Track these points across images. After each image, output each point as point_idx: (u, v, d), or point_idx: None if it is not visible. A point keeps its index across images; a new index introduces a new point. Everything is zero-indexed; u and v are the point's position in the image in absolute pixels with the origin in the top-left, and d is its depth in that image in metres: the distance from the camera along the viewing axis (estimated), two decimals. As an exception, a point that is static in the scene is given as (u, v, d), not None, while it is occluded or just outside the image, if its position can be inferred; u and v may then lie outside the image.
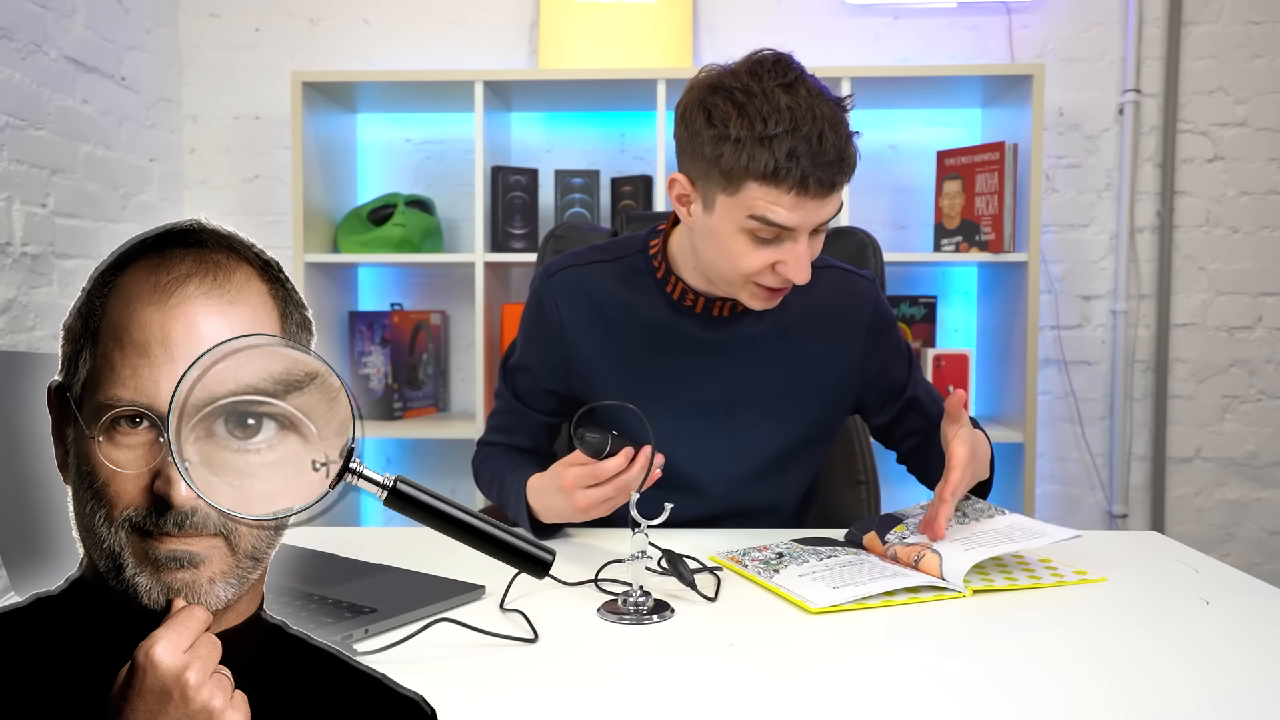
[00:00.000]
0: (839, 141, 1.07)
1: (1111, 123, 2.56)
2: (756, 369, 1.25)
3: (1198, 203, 2.55)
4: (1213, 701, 0.72)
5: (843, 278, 1.30)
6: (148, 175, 2.49)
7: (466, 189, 2.61)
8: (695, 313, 1.23)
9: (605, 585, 1.00)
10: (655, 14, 2.51)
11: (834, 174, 1.07)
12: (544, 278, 1.28)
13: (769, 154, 1.04)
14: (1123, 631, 0.87)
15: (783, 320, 1.24)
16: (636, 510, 0.95)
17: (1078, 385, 2.60)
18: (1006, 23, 2.55)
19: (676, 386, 1.24)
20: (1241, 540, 2.61)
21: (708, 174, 1.10)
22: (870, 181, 2.59)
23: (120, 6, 2.36)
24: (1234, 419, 2.59)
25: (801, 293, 1.21)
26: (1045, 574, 1.03)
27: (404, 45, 2.62)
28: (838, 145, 1.07)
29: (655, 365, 1.24)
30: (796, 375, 1.25)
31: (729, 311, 1.23)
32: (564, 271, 1.27)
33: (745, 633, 0.87)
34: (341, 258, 2.38)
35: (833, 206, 1.10)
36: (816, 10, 2.58)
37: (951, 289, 2.63)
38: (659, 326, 1.24)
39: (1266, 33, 2.52)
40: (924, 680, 0.76)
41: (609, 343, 1.25)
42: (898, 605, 0.93)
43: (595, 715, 0.70)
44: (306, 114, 2.31)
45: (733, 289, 1.16)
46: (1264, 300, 2.56)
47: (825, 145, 1.06)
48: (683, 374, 1.24)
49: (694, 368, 1.24)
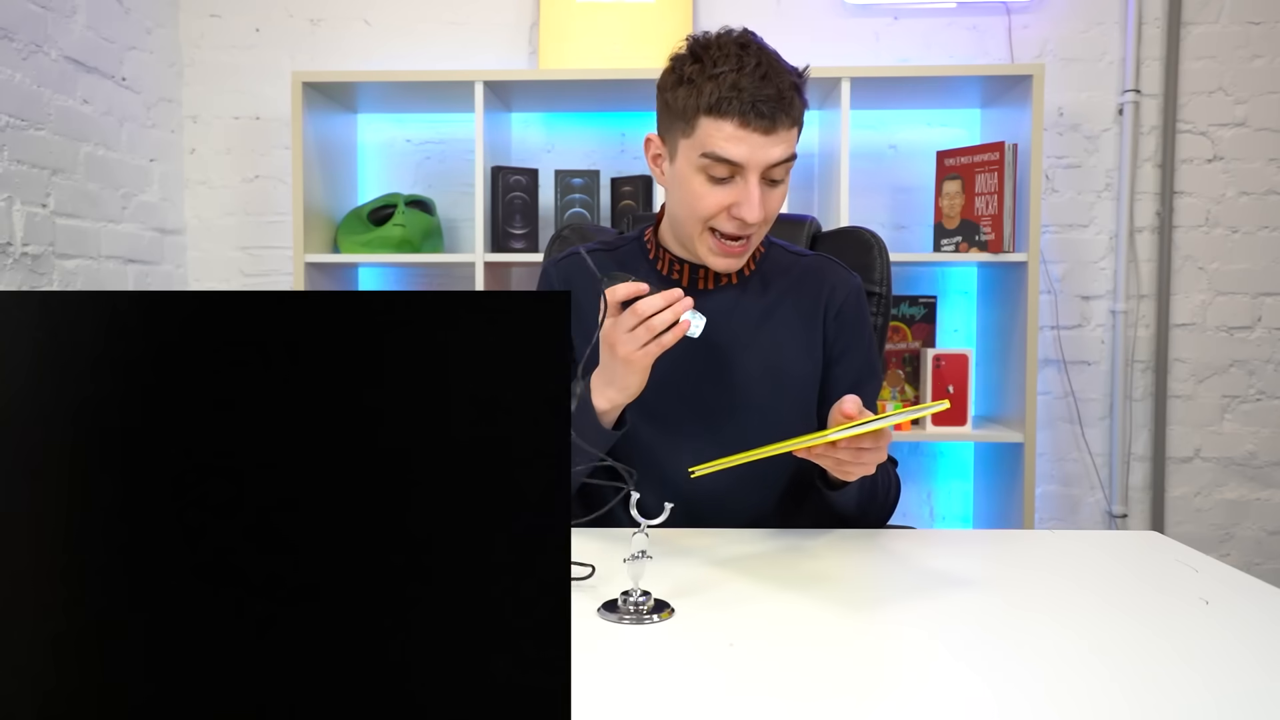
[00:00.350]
0: (781, 84, 1.14)
1: (1111, 123, 2.56)
2: (737, 348, 1.28)
3: (1197, 203, 2.56)
4: (1213, 701, 0.72)
5: (823, 263, 1.34)
6: (148, 175, 2.49)
7: (466, 189, 2.62)
8: (682, 285, 1.29)
9: (601, 586, 1.00)
10: (655, 14, 2.51)
11: (774, 109, 1.13)
12: (552, 263, 1.37)
13: (715, 86, 1.13)
14: (1122, 631, 0.87)
15: (765, 298, 1.29)
16: (636, 510, 0.96)
17: (1077, 385, 2.60)
18: (1006, 23, 2.55)
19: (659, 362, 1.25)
20: (1241, 540, 2.61)
21: (672, 124, 1.19)
22: (870, 181, 2.59)
23: (120, 7, 2.36)
24: (1233, 419, 2.59)
25: (783, 273, 1.29)
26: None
27: (404, 45, 2.62)
28: (780, 86, 1.14)
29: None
30: (773, 353, 1.28)
31: (713, 283, 1.29)
32: (569, 258, 1.36)
33: (745, 633, 0.87)
34: (342, 258, 2.38)
35: (780, 148, 1.15)
36: (816, 10, 2.58)
37: (951, 289, 2.63)
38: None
39: (1266, 33, 2.53)
40: (925, 679, 0.76)
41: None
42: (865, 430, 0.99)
43: (595, 715, 0.70)
44: (306, 114, 2.31)
45: (695, 244, 1.22)
46: (1264, 300, 2.56)
47: (768, 82, 1.13)
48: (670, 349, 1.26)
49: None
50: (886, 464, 1.29)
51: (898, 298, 2.48)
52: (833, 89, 2.33)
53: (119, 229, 2.36)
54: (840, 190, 2.25)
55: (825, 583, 1.02)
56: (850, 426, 0.99)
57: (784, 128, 1.15)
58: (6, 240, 1.96)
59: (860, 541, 1.20)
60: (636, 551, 0.93)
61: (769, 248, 1.35)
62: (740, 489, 1.29)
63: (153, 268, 2.51)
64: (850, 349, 1.32)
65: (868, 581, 1.03)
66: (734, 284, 1.30)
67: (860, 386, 1.32)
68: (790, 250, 1.36)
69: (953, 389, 2.35)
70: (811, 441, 1.01)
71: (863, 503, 1.24)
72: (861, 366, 1.33)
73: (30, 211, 2.03)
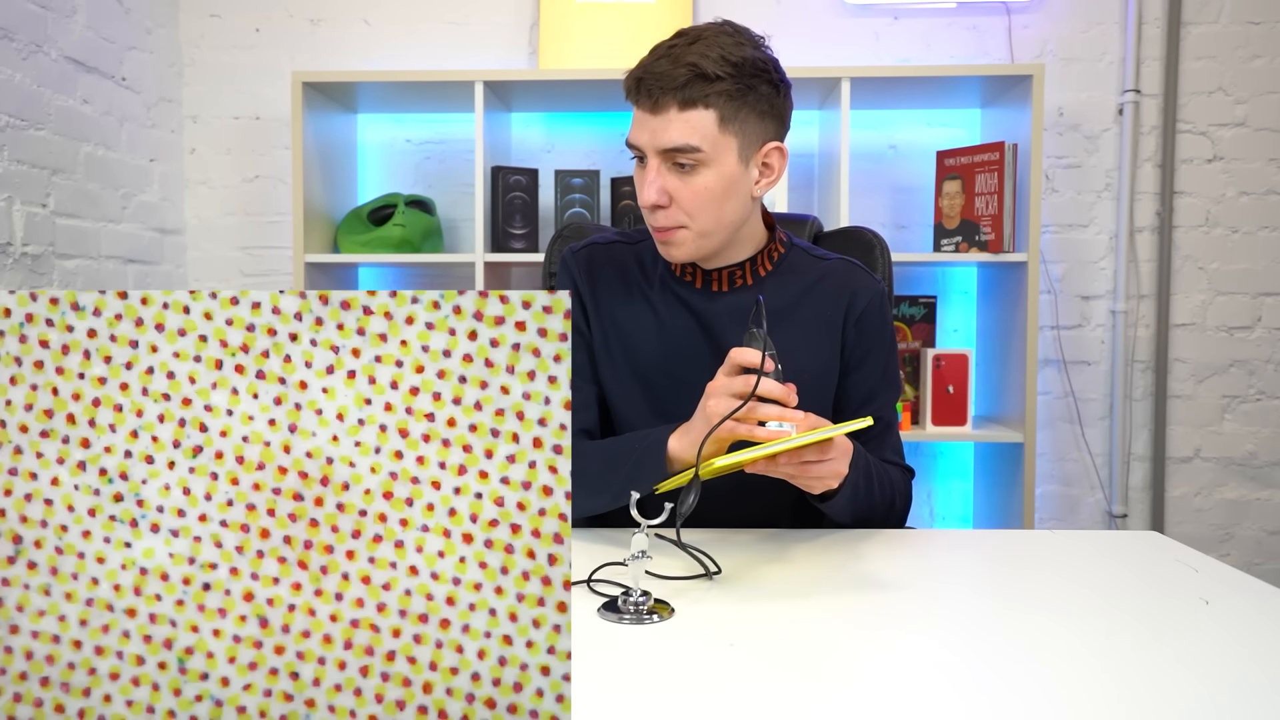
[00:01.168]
0: (682, 65, 1.10)
1: (1111, 123, 2.56)
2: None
3: (1197, 203, 2.56)
4: (1213, 701, 0.72)
5: (848, 268, 1.30)
6: (148, 175, 2.49)
7: (466, 189, 2.62)
8: (695, 288, 1.27)
9: (600, 586, 1.00)
10: (655, 14, 2.51)
11: (658, 88, 1.11)
12: (569, 253, 1.34)
13: (631, 73, 1.14)
14: (1122, 631, 0.87)
15: (780, 300, 1.26)
16: (636, 510, 0.96)
17: (1077, 385, 2.60)
18: (1006, 23, 2.55)
19: (672, 360, 1.26)
20: (1241, 540, 2.61)
21: None
22: (870, 181, 2.59)
23: (120, 7, 2.36)
24: (1233, 419, 2.59)
25: (802, 274, 1.26)
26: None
27: (404, 45, 2.62)
28: (677, 61, 1.10)
29: (661, 336, 1.27)
30: (788, 356, 1.24)
31: (727, 285, 1.26)
32: (586, 249, 1.34)
33: (745, 633, 0.87)
34: (342, 258, 2.38)
35: (674, 131, 1.12)
36: (816, 10, 2.58)
37: (951, 289, 2.63)
38: (664, 296, 1.28)
39: (1266, 33, 2.53)
40: (925, 677, 0.76)
41: (630, 303, 1.29)
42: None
43: (595, 715, 0.70)
44: (306, 114, 2.31)
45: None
46: (1263, 300, 2.57)
47: (666, 61, 1.11)
48: (681, 345, 1.26)
49: (688, 339, 1.26)
50: (885, 474, 1.25)
51: (898, 298, 2.48)
52: (833, 89, 2.33)
53: (119, 229, 2.36)
54: (840, 190, 2.25)
55: (825, 583, 1.02)
56: (772, 444, 0.98)
57: (673, 109, 1.11)
58: (6, 240, 1.96)
59: (860, 542, 1.20)
60: (636, 551, 0.93)
61: (788, 249, 1.30)
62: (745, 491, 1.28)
63: (153, 268, 2.51)
64: (870, 356, 1.29)
65: (868, 581, 1.03)
66: (748, 285, 1.26)
67: (876, 396, 1.30)
68: (813, 253, 1.31)
69: (953, 389, 2.35)
70: (749, 456, 0.99)
71: (859, 514, 1.21)
72: (879, 376, 1.30)
73: (30, 211, 2.03)
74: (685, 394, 1.22)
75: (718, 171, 1.14)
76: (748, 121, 1.14)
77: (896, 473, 1.29)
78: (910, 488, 1.32)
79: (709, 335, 1.26)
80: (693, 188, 1.14)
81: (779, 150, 1.19)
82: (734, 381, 1.04)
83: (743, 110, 1.13)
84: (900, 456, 1.33)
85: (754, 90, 1.13)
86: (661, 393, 1.27)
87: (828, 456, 1.05)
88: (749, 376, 1.03)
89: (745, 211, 1.20)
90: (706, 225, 1.17)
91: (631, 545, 0.93)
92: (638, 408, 1.28)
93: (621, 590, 0.95)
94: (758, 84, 1.13)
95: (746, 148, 1.15)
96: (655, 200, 1.14)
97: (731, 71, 1.10)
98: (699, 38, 1.12)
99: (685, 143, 1.12)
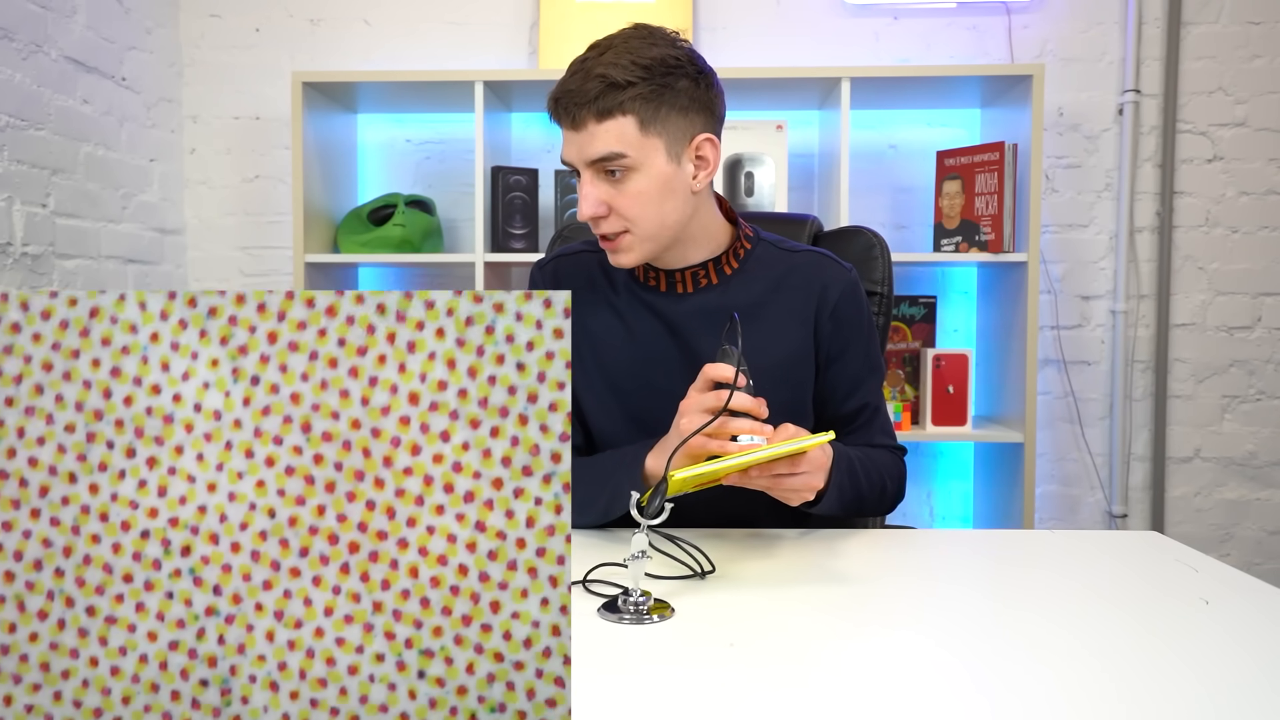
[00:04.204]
0: (592, 70, 1.11)
1: (1111, 123, 2.56)
2: (719, 349, 1.26)
3: (1197, 203, 2.56)
4: (1213, 701, 0.72)
5: (817, 260, 1.29)
6: (148, 175, 2.49)
7: (466, 189, 2.62)
8: (660, 291, 1.27)
9: (597, 587, 1.00)
10: (655, 14, 2.51)
11: (572, 106, 1.12)
12: (537, 269, 1.36)
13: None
14: (1122, 631, 0.87)
15: (748, 297, 1.25)
16: (636, 510, 0.95)
17: (1077, 385, 2.60)
18: (1006, 23, 2.55)
19: (643, 365, 1.26)
20: (1241, 540, 2.61)
21: None
22: (870, 181, 2.59)
23: (120, 6, 2.36)
24: (1233, 419, 2.59)
25: (770, 268, 1.25)
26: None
27: (404, 45, 2.62)
28: (588, 74, 1.11)
29: (631, 342, 1.27)
30: (759, 353, 1.23)
31: (691, 286, 1.26)
32: (552, 262, 1.35)
33: (745, 633, 0.87)
34: (342, 258, 2.38)
35: (598, 143, 1.13)
36: (816, 10, 2.58)
37: (951, 289, 2.63)
38: (630, 303, 1.28)
39: (1266, 33, 2.53)
40: (924, 677, 0.76)
41: (598, 312, 1.30)
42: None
43: (595, 715, 0.70)
44: (306, 114, 2.31)
45: None
46: (1263, 300, 2.57)
47: (575, 78, 1.12)
48: (651, 350, 1.26)
49: (657, 343, 1.26)
50: (872, 463, 1.24)
51: (898, 298, 2.48)
52: (833, 89, 2.33)
53: (119, 229, 2.36)
54: (840, 190, 2.25)
55: (825, 582, 1.02)
56: (738, 456, 0.99)
57: (591, 122, 1.12)
58: (6, 240, 1.96)
59: (860, 541, 1.20)
60: (636, 552, 0.93)
61: (755, 245, 1.28)
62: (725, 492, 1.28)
63: (153, 268, 2.51)
64: (849, 346, 1.28)
65: (867, 581, 1.03)
66: (714, 285, 1.25)
67: (861, 383, 1.29)
68: (781, 247, 1.30)
69: (953, 389, 2.35)
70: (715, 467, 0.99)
71: (848, 510, 1.21)
72: (861, 363, 1.29)
73: (30, 211, 2.03)
74: (658, 399, 1.22)
75: (648, 174, 1.14)
76: (670, 120, 1.14)
77: (885, 456, 1.29)
78: (903, 467, 1.32)
79: (677, 338, 1.25)
80: (627, 194, 1.15)
81: (710, 141, 1.18)
82: (705, 397, 1.06)
83: (662, 109, 1.13)
84: (891, 437, 1.33)
85: (670, 88, 1.13)
86: (636, 399, 1.26)
87: (799, 470, 1.05)
88: (721, 392, 1.04)
89: (688, 208, 1.19)
90: (649, 228, 1.17)
91: (631, 545, 0.93)
92: (613, 415, 1.28)
93: (621, 590, 0.95)
94: (674, 81, 1.13)
95: (674, 145, 1.15)
96: (593, 212, 1.15)
97: (643, 75, 1.11)
98: (609, 47, 1.13)
99: (609, 151, 1.12)
